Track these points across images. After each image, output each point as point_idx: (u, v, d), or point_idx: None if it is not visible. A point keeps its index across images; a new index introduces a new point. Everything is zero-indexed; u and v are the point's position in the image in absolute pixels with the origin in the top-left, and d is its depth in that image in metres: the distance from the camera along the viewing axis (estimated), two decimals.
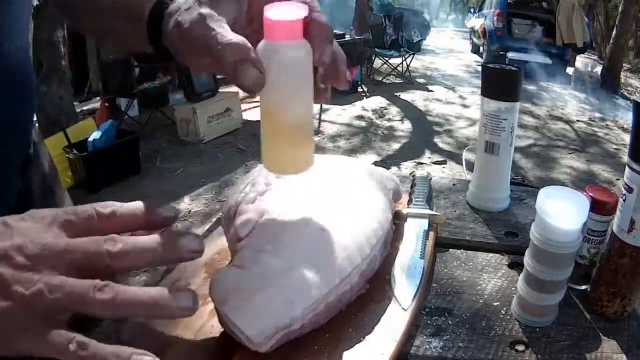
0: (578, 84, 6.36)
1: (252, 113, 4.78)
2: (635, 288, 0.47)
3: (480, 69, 0.63)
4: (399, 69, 5.99)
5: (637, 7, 6.80)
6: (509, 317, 0.46)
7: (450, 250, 0.57)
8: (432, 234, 0.55)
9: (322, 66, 0.37)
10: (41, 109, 3.46)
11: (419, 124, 4.53)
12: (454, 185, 0.74)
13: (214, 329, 0.42)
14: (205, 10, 0.35)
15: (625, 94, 6.38)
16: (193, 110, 3.88)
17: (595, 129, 4.83)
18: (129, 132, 3.52)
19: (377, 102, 5.11)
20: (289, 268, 0.41)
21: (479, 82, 0.61)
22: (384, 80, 6.01)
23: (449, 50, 8.52)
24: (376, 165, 0.60)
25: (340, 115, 4.66)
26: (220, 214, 0.53)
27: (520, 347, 0.43)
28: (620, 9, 6.96)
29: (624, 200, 0.46)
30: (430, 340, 0.43)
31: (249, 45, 0.34)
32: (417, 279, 0.47)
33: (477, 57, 7.58)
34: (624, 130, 4.88)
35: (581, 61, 6.62)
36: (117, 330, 0.44)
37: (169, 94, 4.70)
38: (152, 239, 0.31)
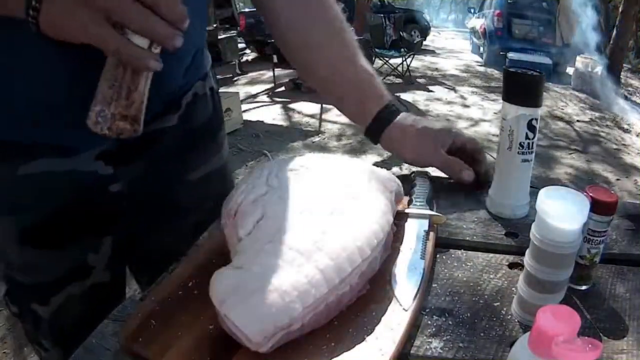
0: (578, 83, 6.35)
1: (251, 113, 4.75)
2: None
3: (480, 69, 0.62)
4: (399, 69, 6.00)
5: (637, 7, 6.78)
6: (509, 317, 0.46)
7: (450, 250, 0.57)
8: (432, 234, 0.55)
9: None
10: None
11: None
12: (454, 184, 0.74)
13: (214, 329, 0.42)
14: None
15: (626, 94, 6.36)
16: None
17: (596, 129, 4.82)
18: None
19: None
20: (289, 268, 0.41)
21: (479, 82, 0.61)
22: (385, 80, 6.04)
23: (449, 50, 8.51)
24: (376, 165, 0.59)
25: (340, 115, 4.67)
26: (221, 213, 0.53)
27: None
28: (620, 9, 6.95)
29: None
30: (430, 340, 0.43)
31: None
32: (417, 279, 0.47)
33: (477, 57, 7.58)
34: (624, 130, 4.87)
35: (581, 61, 6.64)
36: (116, 334, 0.44)
37: None
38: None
